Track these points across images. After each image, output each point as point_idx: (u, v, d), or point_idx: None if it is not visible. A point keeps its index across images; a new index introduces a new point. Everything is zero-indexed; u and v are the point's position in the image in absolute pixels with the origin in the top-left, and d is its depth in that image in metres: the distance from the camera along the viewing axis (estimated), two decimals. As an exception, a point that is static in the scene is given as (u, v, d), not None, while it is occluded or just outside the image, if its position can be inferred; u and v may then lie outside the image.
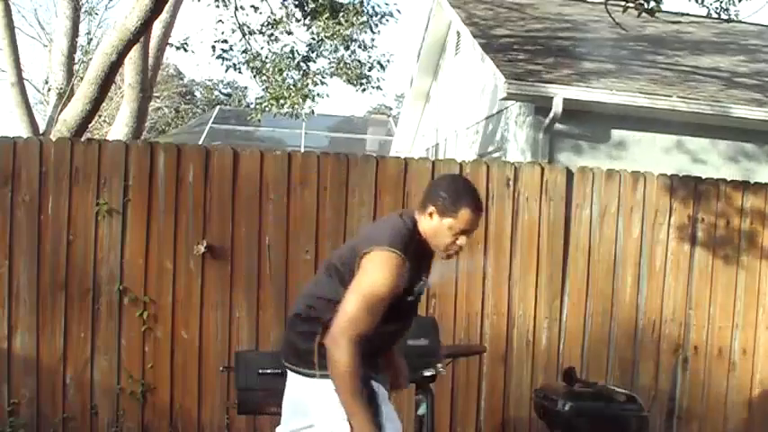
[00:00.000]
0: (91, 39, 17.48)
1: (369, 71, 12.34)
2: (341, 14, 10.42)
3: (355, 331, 2.59)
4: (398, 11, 11.28)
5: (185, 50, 11.15)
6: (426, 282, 2.92)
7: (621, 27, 7.59)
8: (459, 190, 2.78)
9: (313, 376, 2.77)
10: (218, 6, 10.72)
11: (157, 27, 8.74)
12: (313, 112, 12.48)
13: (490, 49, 8.15)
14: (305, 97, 11.60)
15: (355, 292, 2.63)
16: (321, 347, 2.70)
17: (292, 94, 11.37)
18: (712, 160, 7.45)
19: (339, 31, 10.97)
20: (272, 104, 11.55)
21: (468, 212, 2.72)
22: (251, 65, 11.46)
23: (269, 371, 3.70)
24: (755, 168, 7.47)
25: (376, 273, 2.63)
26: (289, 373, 2.90)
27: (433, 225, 2.74)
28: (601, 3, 8.24)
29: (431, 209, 2.75)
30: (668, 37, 9.38)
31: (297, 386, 2.87)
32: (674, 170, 5.90)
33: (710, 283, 5.47)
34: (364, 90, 12.39)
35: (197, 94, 29.74)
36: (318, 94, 11.88)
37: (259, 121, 13.44)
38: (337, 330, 2.60)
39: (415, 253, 2.73)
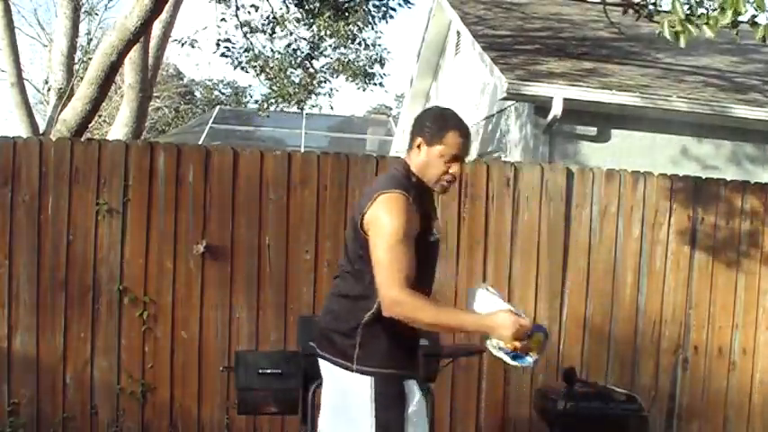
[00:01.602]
0: (91, 39, 17.49)
1: (371, 68, 12.37)
2: (341, 14, 10.43)
3: (399, 278, 2.57)
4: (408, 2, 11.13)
5: (192, 47, 11.19)
6: (438, 231, 2.89)
7: (618, 29, 7.60)
8: (443, 116, 2.79)
9: (349, 369, 2.74)
10: (219, 2, 10.74)
11: (157, 27, 8.75)
12: (332, 107, 12.49)
13: (490, 49, 8.15)
14: (310, 93, 11.63)
15: (379, 245, 2.61)
16: (363, 340, 2.71)
17: (297, 92, 11.40)
18: (712, 160, 7.45)
19: (340, 29, 10.98)
20: (277, 101, 11.58)
21: (456, 135, 2.72)
22: (253, 64, 11.49)
23: (269, 371, 3.71)
24: (756, 168, 7.47)
25: (387, 216, 2.61)
26: (323, 364, 2.84)
27: (423, 157, 2.74)
28: (600, 2, 8.25)
29: (418, 141, 2.74)
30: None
31: (333, 379, 2.82)
32: (673, 170, 5.90)
33: (710, 282, 5.47)
34: (366, 86, 12.40)
35: (197, 94, 29.71)
36: (332, 89, 11.91)
37: (267, 116, 13.47)
38: (384, 296, 2.60)
39: (417, 193, 2.73)
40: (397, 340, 2.76)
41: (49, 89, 10.75)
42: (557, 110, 6.94)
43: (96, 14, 17.96)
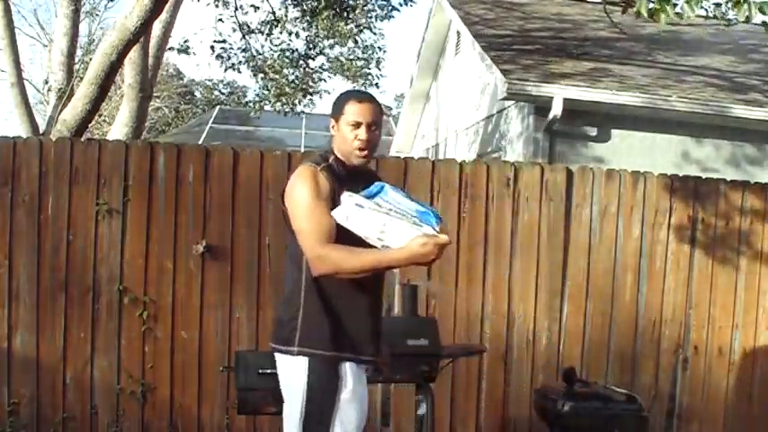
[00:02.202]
0: (91, 39, 17.51)
1: (368, 68, 12.39)
2: (340, 14, 10.44)
3: (317, 238, 2.69)
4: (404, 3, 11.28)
5: (187, 54, 11.19)
6: None
7: (619, 28, 7.59)
8: (342, 94, 3.00)
9: (291, 353, 2.80)
10: (217, 6, 10.74)
11: (157, 27, 8.74)
12: (314, 105, 12.49)
13: (490, 49, 8.15)
14: (305, 94, 11.63)
15: (296, 215, 2.78)
16: (303, 321, 2.78)
17: (293, 92, 11.40)
18: (712, 160, 7.45)
19: (340, 28, 10.99)
20: (271, 101, 11.59)
21: (352, 103, 2.87)
22: (251, 64, 11.49)
23: (269, 371, 3.70)
24: (755, 168, 7.47)
25: (296, 187, 2.81)
26: (275, 355, 2.91)
27: (338, 134, 2.90)
28: (600, 2, 8.24)
29: (332, 123, 2.94)
30: (667, 37, 9.38)
31: (280, 367, 2.89)
32: (673, 170, 5.90)
33: (710, 282, 5.47)
34: (365, 87, 12.43)
35: (197, 94, 29.69)
36: (325, 91, 11.92)
37: (258, 117, 13.45)
38: (309, 258, 2.72)
39: (339, 172, 2.86)
40: (339, 320, 2.81)
41: (49, 89, 10.74)
42: (557, 110, 6.94)
43: (96, 14, 17.99)
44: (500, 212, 5.24)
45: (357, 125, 2.84)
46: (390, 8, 11.50)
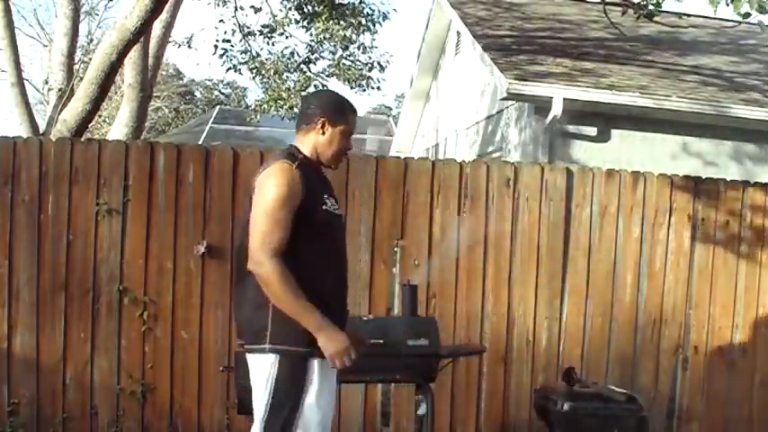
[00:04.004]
0: (91, 39, 17.51)
1: (369, 72, 12.38)
2: (340, 15, 10.45)
3: (271, 245, 2.70)
4: (395, 10, 11.48)
5: (189, 47, 11.18)
6: (335, 204, 2.98)
7: (618, 29, 7.60)
8: (341, 100, 3.03)
9: (262, 351, 2.80)
10: (218, 5, 10.75)
11: (157, 27, 8.74)
12: None
13: (490, 50, 8.15)
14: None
15: (257, 211, 2.77)
16: (273, 317, 2.76)
17: (291, 96, 11.41)
18: (712, 160, 7.46)
19: (337, 32, 11.01)
20: (270, 105, 11.59)
21: (354, 115, 2.98)
22: (250, 66, 11.49)
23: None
24: (756, 168, 7.48)
25: (267, 185, 2.78)
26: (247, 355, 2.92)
27: (327, 137, 2.92)
28: (600, 2, 8.25)
29: (321, 122, 2.91)
30: (667, 37, 9.38)
31: (251, 365, 2.89)
32: (674, 170, 5.90)
33: (710, 282, 5.47)
34: (363, 91, 12.44)
35: (197, 94, 29.71)
36: None
37: (258, 121, 13.45)
38: (254, 252, 2.72)
39: (308, 169, 2.88)
40: None
41: (49, 89, 10.74)
42: (557, 110, 6.94)
43: (96, 14, 18.01)
44: (500, 212, 5.23)
45: (350, 135, 2.94)
46: (374, 21, 11.58)
